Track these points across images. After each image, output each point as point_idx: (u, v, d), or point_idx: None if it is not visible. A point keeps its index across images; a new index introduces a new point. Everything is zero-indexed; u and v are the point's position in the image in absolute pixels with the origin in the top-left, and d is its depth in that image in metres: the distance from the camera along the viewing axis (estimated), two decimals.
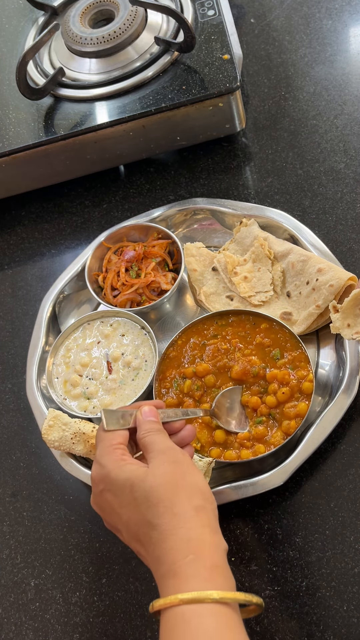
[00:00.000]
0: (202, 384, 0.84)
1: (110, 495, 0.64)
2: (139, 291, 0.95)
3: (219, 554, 0.60)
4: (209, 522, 0.61)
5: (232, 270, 0.93)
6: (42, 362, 0.93)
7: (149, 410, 0.70)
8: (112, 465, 0.64)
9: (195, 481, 0.63)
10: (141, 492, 0.61)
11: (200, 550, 0.58)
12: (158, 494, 0.61)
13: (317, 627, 0.72)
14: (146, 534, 0.60)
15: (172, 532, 0.59)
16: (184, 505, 0.60)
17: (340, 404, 0.80)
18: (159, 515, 0.60)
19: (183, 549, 0.58)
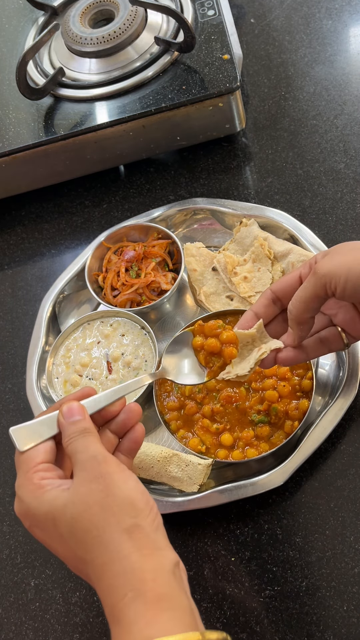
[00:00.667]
0: (203, 386, 0.84)
1: (38, 531, 0.57)
2: (139, 291, 0.95)
3: (164, 577, 0.52)
4: (146, 541, 0.53)
5: (232, 270, 0.93)
6: (42, 362, 0.93)
7: (69, 409, 0.60)
8: (30, 497, 0.56)
9: (123, 495, 0.54)
10: (65, 527, 0.54)
11: (139, 583, 0.50)
12: (82, 525, 0.53)
13: (317, 627, 0.72)
14: (84, 571, 0.54)
15: (105, 567, 0.52)
16: (112, 531, 0.52)
17: (340, 404, 0.80)
18: (88, 549, 0.53)
19: (120, 587, 0.51)
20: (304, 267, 0.71)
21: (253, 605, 0.75)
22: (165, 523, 0.80)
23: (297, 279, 0.71)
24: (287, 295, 0.71)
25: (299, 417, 0.80)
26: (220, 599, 0.76)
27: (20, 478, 0.58)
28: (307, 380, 0.82)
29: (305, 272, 0.70)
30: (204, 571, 0.78)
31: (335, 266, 0.64)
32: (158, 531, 0.55)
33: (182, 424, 0.83)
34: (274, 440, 0.80)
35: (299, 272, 0.72)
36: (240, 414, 0.82)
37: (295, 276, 0.72)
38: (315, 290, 0.66)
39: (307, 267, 0.70)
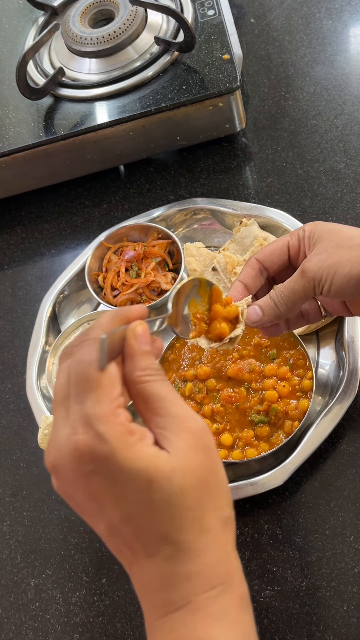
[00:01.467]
0: (203, 386, 0.84)
1: (104, 483, 0.44)
2: (139, 291, 0.95)
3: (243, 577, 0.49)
4: (234, 537, 0.49)
5: (232, 270, 0.93)
6: (42, 362, 0.93)
7: (143, 332, 0.49)
8: (120, 442, 0.44)
9: (224, 480, 0.49)
10: (163, 494, 0.44)
11: (230, 579, 0.47)
12: (188, 501, 0.45)
13: (317, 627, 0.72)
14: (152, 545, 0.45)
15: (199, 552, 0.45)
16: (213, 517, 0.47)
17: (340, 404, 0.80)
18: (184, 529, 0.45)
19: (210, 577, 0.46)
20: (292, 236, 0.71)
21: (253, 605, 0.74)
22: None
23: (284, 249, 0.72)
24: (274, 266, 0.73)
25: (299, 417, 0.80)
26: None
27: (102, 406, 0.45)
28: (307, 381, 0.82)
29: (294, 243, 0.71)
30: None
31: (323, 268, 0.65)
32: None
33: None
34: (274, 440, 0.80)
35: (286, 241, 0.72)
36: (240, 414, 0.82)
37: (282, 245, 0.72)
38: (304, 292, 0.68)
39: (295, 237, 0.71)
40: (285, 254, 0.72)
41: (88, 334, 0.47)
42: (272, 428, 0.81)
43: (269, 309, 0.70)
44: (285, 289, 0.69)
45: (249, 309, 0.71)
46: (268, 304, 0.70)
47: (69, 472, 0.45)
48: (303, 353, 0.84)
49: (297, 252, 0.72)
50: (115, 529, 0.46)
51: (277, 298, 0.69)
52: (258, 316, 0.70)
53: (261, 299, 0.71)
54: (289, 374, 0.83)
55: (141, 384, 0.48)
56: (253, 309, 0.70)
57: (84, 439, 0.44)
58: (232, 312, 0.69)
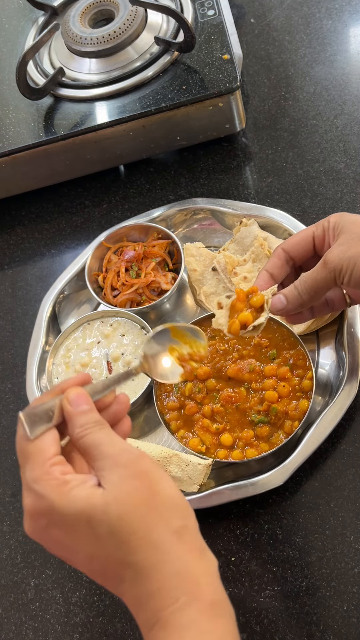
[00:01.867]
0: (203, 386, 0.84)
1: (59, 531, 0.50)
2: (139, 291, 0.95)
3: (215, 580, 0.50)
4: (194, 542, 0.50)
5: (232, 270, 0.93)
6: (42, 362, 0.93)
7: (76, 396, 0.54)
8: (55, 494, 0.49)
9: (168, 495, 0.51)
10: (105, 527, 0.48)
11: (194, 587, 0.48)
12: (128, 526, 0.48)
13: (317, 627, 0.72)
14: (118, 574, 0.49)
15: (154, 569, 0.47)
16: (161, 532, 0.49)
17: (340, 404, 0.80)
18: (132, 551, 0.48)
19: (172, 590, 0.47)
20: (317, 227, 0.74)
21: (253, 605, 0.75)
22: None
23: (309, 239, 0.75)
24: (299, 255, 0.76)
25: (299, 417, 0.80)
26: None
27: (35, 471, 0.51)
28: (307, 381, 0.82)
29: (318, 234, 0.74)
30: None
31: (343, 259, 0.68)
32: (199, 533, 0.52)
33: (182, 424, 0.83)
34: (274, 440, 0.80)
35: (311, 232, 0.74)
36: (240, 414, 0.82)
37: (307, 236, 0.75)
38: (325, 282, 0.70)
39: (320, 228, 0.73)
40: (311, 244, 0.75)
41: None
42: (272, 428, 0.81)
43: (293, 298, 0.72)
44: (308, 278, 0.71)
45: (273, 298, 0.74)
46: (292, 292, 0.73)
47: (34, 531, 0.51)
48: (303, 353, 0.84)
49: (322, 242, 0.74)
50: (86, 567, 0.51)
51: (300, 287, 0.72)
52: (282, 304, 0.73)
53: (286, 288, 0.74)
54: (289, 374, 0.83)
55: (80, 440, 0.52)
56: (278, 297, 0.73)
57: (28, 501, 0.50)
58: (258, 301, 0.73)
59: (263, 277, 0.75)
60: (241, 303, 0.75)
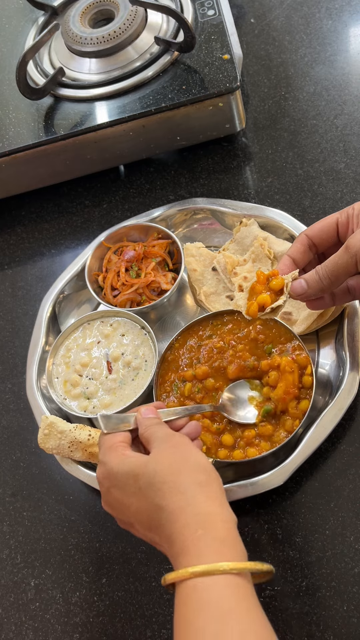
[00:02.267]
0: (202, 386, 0.84)
1: (116, 490, 0.64)
2: (139, 291, 0.95)
3: (228, 525, 0.60)
4: (215, 495, 0.61)
5: (232, 270, 0.93)
6: (42, 362, 0.93)
7: (147, 409, 0.71)
8: (114, 461, 0.65)
9: (197, 460, 0.64)
10: (145, 479, 0.62)
11: (209, 524, 0.59)
12: (161, 477, 0.61)
13: (317, 627, 0.72)
14: (156, 518, 0.61)
15: (181, 510, 0.59)
16: (187, 482, 0.61)
17: (340, 404, 0.80)
18: (164, 496, 0.60)
19: (192, 525, 0.58)
20: (342, 214, 0.75)
21: None
22: None
23: (333, 226, 0.75)
24: (323, 242, 0.76)
25: (299, 417, 0.80)
26: None
27: (104, 450, 0.67)
28: (307, 376, 0.81)
29: (343, 220, 0.75)
30: None
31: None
32: (223, 493, 0.63)
33: None
34: (275, 439, 0.80)
35: (335, 218, 0.75)
36: None
37: (331, 222, 0.75)
38: (347, 267, 0.71)
39: (344, 215, 0.74)
40: (334, 231, 0.75)
41: None
42: (274, 425, 0.81)
43: (313, 282, 0.73)
44: (330, 263, 0.72)
45: (294, 282, 0.75)
46: (313, 277, 0.73)
47: (103, 494, 0.67)
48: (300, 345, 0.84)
49: (346, 228, 0.74)
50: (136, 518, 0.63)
51: (321, 272, 0.72)
52: (303, 289, 0.74)
53: (307, 273, 0.74)
54: (288, 361, 0.82)
55: (143, 434, 0.68)
56: (299, 282, 0.75)
57: (99, 470, 0.67)
58: (277, 285, 0.76)
59: (285, 262, 0.76)
60: (261, 285, 0.77)
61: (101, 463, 0.67)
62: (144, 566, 0.80)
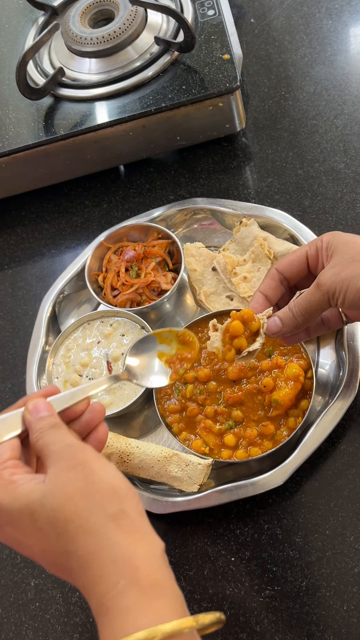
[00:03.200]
0: (204, 388, 0.84)
1: (11, 528, 0.53)
2: (139, 291, 0.95)
3: (155, 562, 0.50)
4: (133, 526, 0.51)
5: (232, 270, 0.93)
6: (42, 362, 0.93)
7: (35, 406, 0.58)
8: (2, 493, 0.53)
9: (105, 482, 0.52)
10: (44, 520, 0.51)
11: (132, 570, 0.49)
12: (64, 515, 0.50)
13: (317, 627, 0.72)
14: (65, 564, 0.51)
15: (93, 556, 0.49)
16: (97, 518, 0.50)
17: (340, 404, 0.80)
18: (71, 540, 0.50)
19: (111, 576, 0.48)
20: (310, 247, 0.74)
21: (253, 605, 0.75)
22: (165, 523, 0.81)
23: (303, 259, 0.74)
24: (294, 275, 0.75)
25: (300, 414, 0.80)
26: (220, 599, 0.76)
27: None
28: (306, 380, 0.82)
29: (312, 254, 0.73)
30: (204, 571, 0.78)
31: (336, 282, 0.68)
32: (143, 516, 0.53)
33: (184, 426, 0.83)
34: (278, 437, 0.80)
35: (304, 252, 0.74)
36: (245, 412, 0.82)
37: (301, 255, 0.74)
38: (320, 304, 0.70)
39: (313, 248, 0.73)
40: (304, 264, 0.75)
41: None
42: (277, 424, 0.81)
43: (288, 320, 0.73)
44: (302, 300, 0.71)
45: (269, 321, 0.74)
46: (287, 315, 0.73)
47: None
48: (300, 347, 0.84)
49: (316, 261, 0.74)
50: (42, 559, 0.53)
51: (295, 310, 0.72)
52: (278, 327, 0.73)
53: (280, 311, 0.74)
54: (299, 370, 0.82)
55: (36, 443, 0.56)
56: (273, 320, 0.74)
57: None
58: (254, 327, 0.74)
59: (257, 300, 0.75)
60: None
61: None
62: None
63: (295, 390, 0.80)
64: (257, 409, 0.82)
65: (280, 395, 0.80)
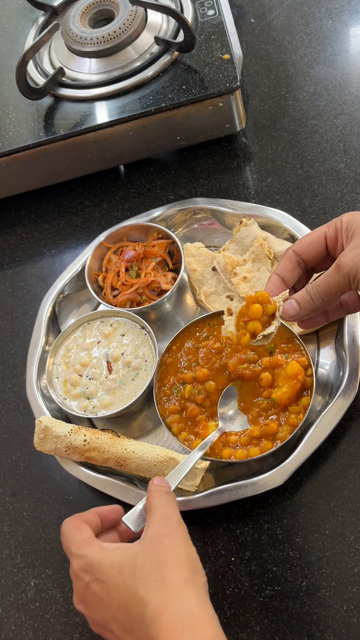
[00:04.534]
0: (202, 388, 0.84)
1: (98, 585, 0.60)
2: (139, 291, 0.95)
3: (215, 625, 0.57)
4: (198, 593, 0.58)
5: (232, 270, 0.93)
6: (42, 362, 0.93)
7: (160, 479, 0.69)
8: (94, 552, 0.62)
9: (187, 554, 0.61)
10: (130, 571, 0.59)
11: (196, 624, 0.56)
12: (148, 569, 0.58)
13: (317, 627, 0.72)
14: (138, 614, 0.57)
15: (166, 607, 0.56)
16: (175, 578, 0.58)
17: (340, 404, 0.80)
18: (150, 590, 0.57)
19: (178, 625, 0.55)
20: (329, 227, 0.72)
21: (253, 605, 0.75)
22: None
23: (321, 241, 0.72)
24: (312, 257, 0.73)
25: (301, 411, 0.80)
26: (220, 599, 0.76)
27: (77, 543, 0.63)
28: (307, 378, 0.82)
29: (331, 234, 0.72)
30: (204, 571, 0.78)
31: (357, 263, 0.66)
32: (207, 592, 0.60)
33: (184, 426, 0.83)
34: (279, 436, 0.80)
35: (323, 232, 0.72)
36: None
37: (319, 236, 0.73)
38: (339, 286, 0.68)
39: (332, 228, 0.72)
40: (323, 245, 0.73)
41: None
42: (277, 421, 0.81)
43: (305, 303, 0.71)
44: (321, 283, 0.69)
45: (285, 304, 0.72)
46: (304, 297, 0.71)
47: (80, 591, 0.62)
48: (299, 346, 0.84)
49: (335, 243, 0.72)
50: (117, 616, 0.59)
51: (313, 292, 0.70)
52: (295, 310, 0.72)
53: (297, 293, 0.72)
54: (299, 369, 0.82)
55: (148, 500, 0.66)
56: (290, 303, 0.72)
57: (74, 564, 0.63)
58: (270, 309, 0.72)
59: (274, 282, 0.73)
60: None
61: (77, 556, 0.63)
62: None
63: (294, 389, 0.80)
64: (256, 394, 0.82)
65: (279, 394, 0.80)
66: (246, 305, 0.74)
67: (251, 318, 0.73)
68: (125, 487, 0.81)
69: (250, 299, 0.73)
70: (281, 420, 0.81)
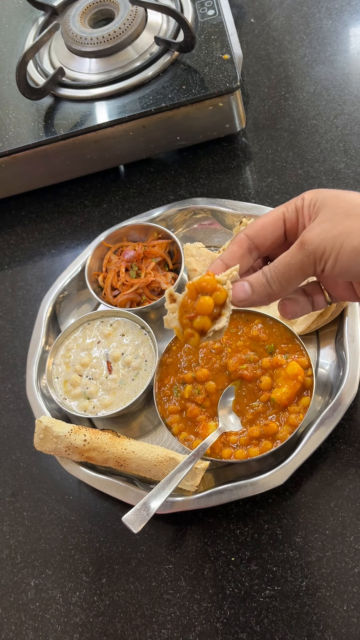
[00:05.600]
0: (202, 388, 0.84)
1: None
2: (139, 291, 0.95)
3: None
4: None
5: None
6: (42, 362, 0.93)
7: None
8: None
9: None
10: None
11: None
12: None
13: (317, 627, 0.72)
14: None
15: None
16: None
17: (340, 404, 0.80)
18: None
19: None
20: (288, 207, 0.61)
21: (253, 605, 0.75)
22: (165, 523, 0.81)
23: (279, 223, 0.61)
24: (266, 243, 0.62)
25: (301, 411, 0.80)
26: (220, 599, 0.76)
27: None
28: (307, 378, 0.82)
29: (290, 215, 0.61)
30: (204, 571, 0.78)
31: (326, 239, 0.56)
32: None
33: (184, 426, 0.83)
34: (279, 436, 0.80)
35: (281, 213, 0.62)
36: (245, 412, 0.82)
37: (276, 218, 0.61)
38: (302, 268, 0.58)
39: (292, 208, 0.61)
40: (281, 228, 0.62)
41: None
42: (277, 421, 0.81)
43: (259, 287, 0.59)
44: (280, 264, 0.58)
45: (235, 285, 0.59)
46: (259, 280, 0.60)
47: None
48: (299, 347, 0.84)
49: (295, 225, 0.62)
50: None
51: (270, 274, 0.59)
52: (246, 294, 0.60)
53: (251, 275, 0.61)
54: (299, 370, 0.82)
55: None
56: (242, 285, 0.60)
57: None
58: (219, 297, 0.58)
59: (217, 266, 0.61)
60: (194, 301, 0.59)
61: None
62: (144, 566, 0.80)
63: (294, 389, 0.80)
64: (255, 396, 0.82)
65: (278, 394, 0.80)
66: (188, 294, 0.59)
67: (199, 313, 0.59)
68: (125, 487, 0.81)
69: (192, 288, 0.59)
70: (281, 420, 0.81)
